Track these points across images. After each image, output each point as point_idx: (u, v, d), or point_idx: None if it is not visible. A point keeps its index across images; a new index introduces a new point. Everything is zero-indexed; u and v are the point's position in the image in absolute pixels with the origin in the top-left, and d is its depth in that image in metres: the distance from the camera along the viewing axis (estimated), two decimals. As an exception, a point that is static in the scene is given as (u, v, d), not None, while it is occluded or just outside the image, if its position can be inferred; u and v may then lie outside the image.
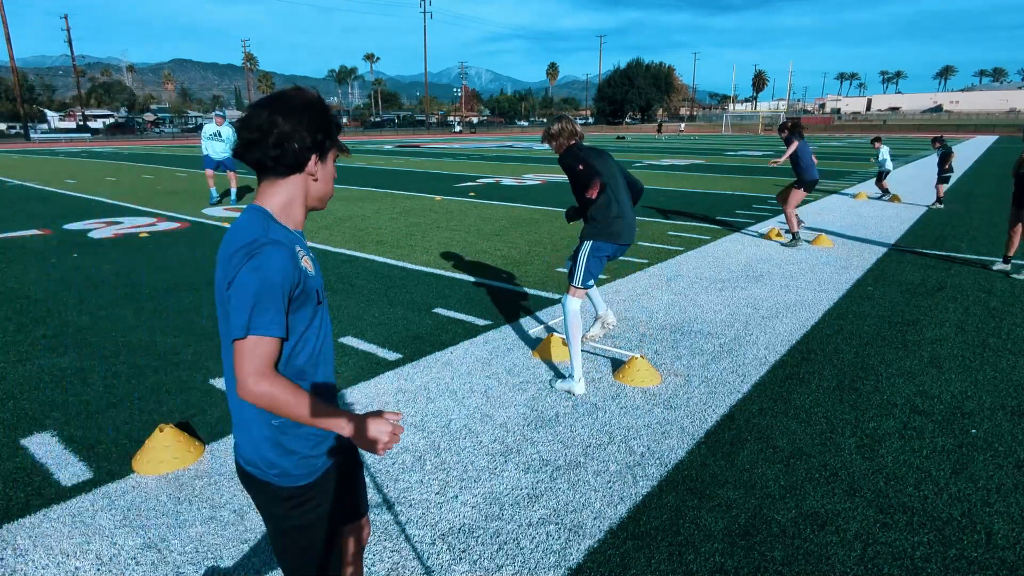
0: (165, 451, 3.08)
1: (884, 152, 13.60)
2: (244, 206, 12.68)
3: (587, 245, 3.99)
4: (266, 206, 1.51)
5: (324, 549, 1.60)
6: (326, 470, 1.58)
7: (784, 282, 6.53)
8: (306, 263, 1.54)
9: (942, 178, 12.25)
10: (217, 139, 12.80)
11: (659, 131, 65.61)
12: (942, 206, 12.15)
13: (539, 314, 5.49)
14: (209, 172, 12.95)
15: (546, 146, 4.20)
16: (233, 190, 13.24)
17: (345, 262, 7.45)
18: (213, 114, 13.25)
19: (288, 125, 1.41)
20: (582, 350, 4.61)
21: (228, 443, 3.31)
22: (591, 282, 4.02)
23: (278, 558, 1.62)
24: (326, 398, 1.55)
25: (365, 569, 2.42)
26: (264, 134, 1.41)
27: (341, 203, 12.73)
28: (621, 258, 7.54)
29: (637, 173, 19.78)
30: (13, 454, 3.21)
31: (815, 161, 8.27)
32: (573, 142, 4.07)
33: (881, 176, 13.60)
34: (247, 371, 1.36)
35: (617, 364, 4.37)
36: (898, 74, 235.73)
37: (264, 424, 1.49)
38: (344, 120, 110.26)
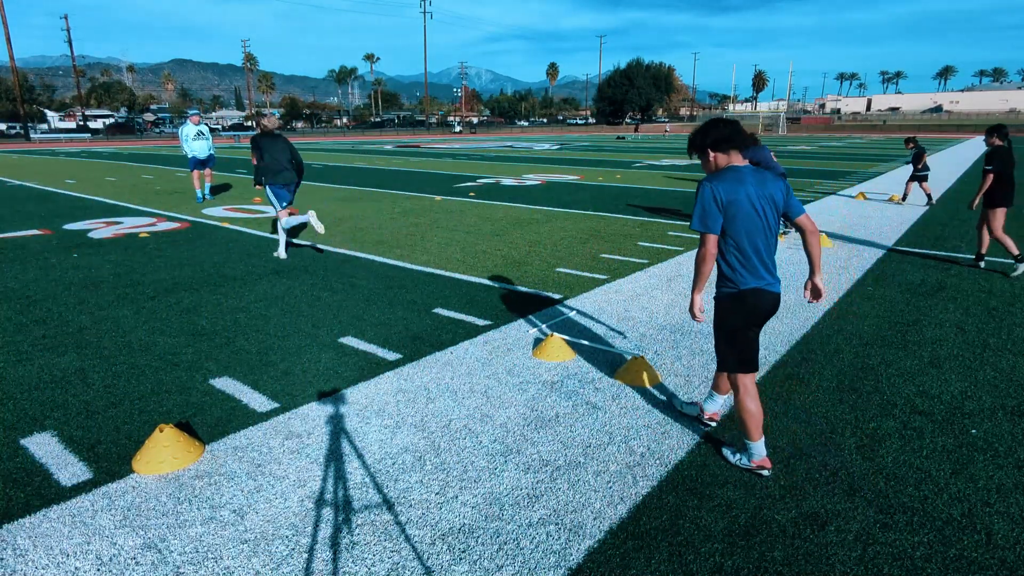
0: (165, 451, 3.07)
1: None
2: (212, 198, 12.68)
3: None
4: None
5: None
6: None
7: (784, 282, 6.53)
8: None
9: (918, 176, 12.51)
10: (201, 138, 12.90)
11: (636, 130, 65.40)
12: (934, 203, 12.37)
13: (539, 314, 5.49)
14: (196, 173, 13.09)
15: (545, 146, 4.18)
16: (208, 185, 13.48)
17: (345, 262, 7.45)
18: (190, 113, 13.27)
19: None
20: (583, 350, 4.61)
21: (228, 443, 3.31)
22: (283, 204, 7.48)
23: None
24: None
25: (365, 569, 2.43)
26: None
27: (341, 203, 12.73)
28: (621, 258, 7.55)
29: (637, 174, 19.79)
30: (13, 454, 3.21)
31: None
32: None
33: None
34: None
35: (617, 364, 4.37)
36: (898, 74, 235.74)
37: None
38: (344, 120, 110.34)
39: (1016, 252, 6.90)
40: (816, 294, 3.14)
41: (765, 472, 3.03)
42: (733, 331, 3.03)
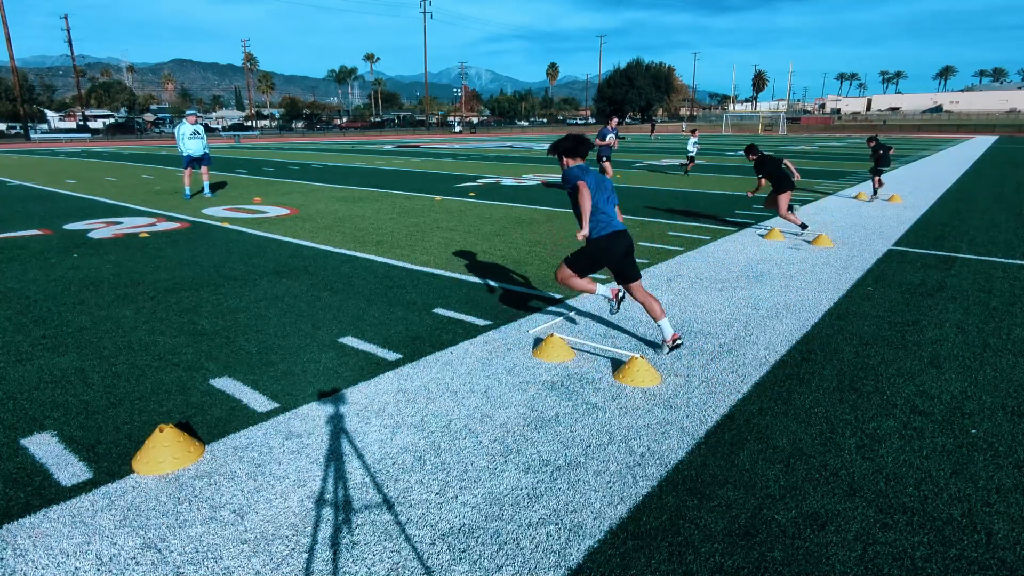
0: (165, 451, 3.07)
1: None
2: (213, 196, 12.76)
3: None
4: None
5: None
6: None
7: (784, 282, 6.53)
8: None
9: (877, 171, 13.24)
10: (196, 137, 13.18)
11: (652, 131, 65.25)
12: (878, 197, 13.34)
13: (539, 314, 5.49)
14: (188, 171, 13.44)
15: (545, 146, 4.40)
16: (206, 183, 13.86)
17: (345, 262, 7.45)
18: (187, 112, 13.58)
19: None
20: (583, 351, 4.61)
21: (228, 443, 3.32)
22: None
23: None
24: None
25: (365, 569, 2.43)
26: None
27: (341, 203, 12.73)
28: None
29: (635, 174, 19.79)
30: (13, 454, 3.21)
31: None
32: None
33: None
34: None
35: (617, 364, 4.37)
36: (898, 74, 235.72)
37: None
38: (344, 120, 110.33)
39: (800, 222, 9.03)
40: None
41: (622, 295, 4.68)
42: (585, 255, 4.55)
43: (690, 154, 19.78)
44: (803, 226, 9.04)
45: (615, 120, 15.38)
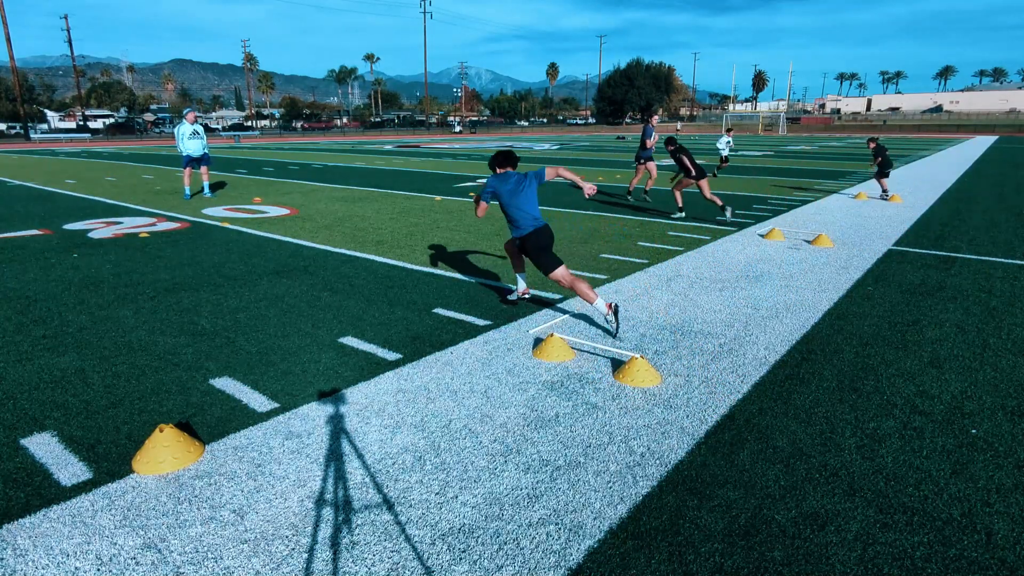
0: (165, 451, 3.07)
1: None
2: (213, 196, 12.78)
3: None
4: None
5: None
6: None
7: (784, 282, 6.53)
8: None
9: (883, 173, 13.25)
10: (196, 137, 13.20)
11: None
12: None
13: (539, 314, 5.49)
14: (188, 171, 13.44)
15: (545, 146, 4.39)
16: (206, 183, 13.86)
17: (345, 262, 7.45)
18: (186, 111, 13.60)
19: None
20: (583, 351, 4.61)
21: (228, 443, 3.32)
22: None
23: None
24: None
25: (365, 569, 2.43)
26: None
27: (341, 203, 12.73)
28: (621, 258, 7.55)
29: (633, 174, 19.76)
30: (13, 454, 3.21)
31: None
32: None
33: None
34: None
35: (617, 364, 4.37)
36: (898, 74, 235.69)
37: None
38: (344, 120, 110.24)
39: (722, 203, 10.29)
40: (589, 191, 5.25)
41: (526, 295, 5.69)
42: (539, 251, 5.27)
43: (722, 153, 19.17)
44: (723, 208, 10.24)
45: (655, 118, 13.91)
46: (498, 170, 5.35)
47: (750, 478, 3.01)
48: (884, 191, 13.26)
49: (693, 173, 10.29)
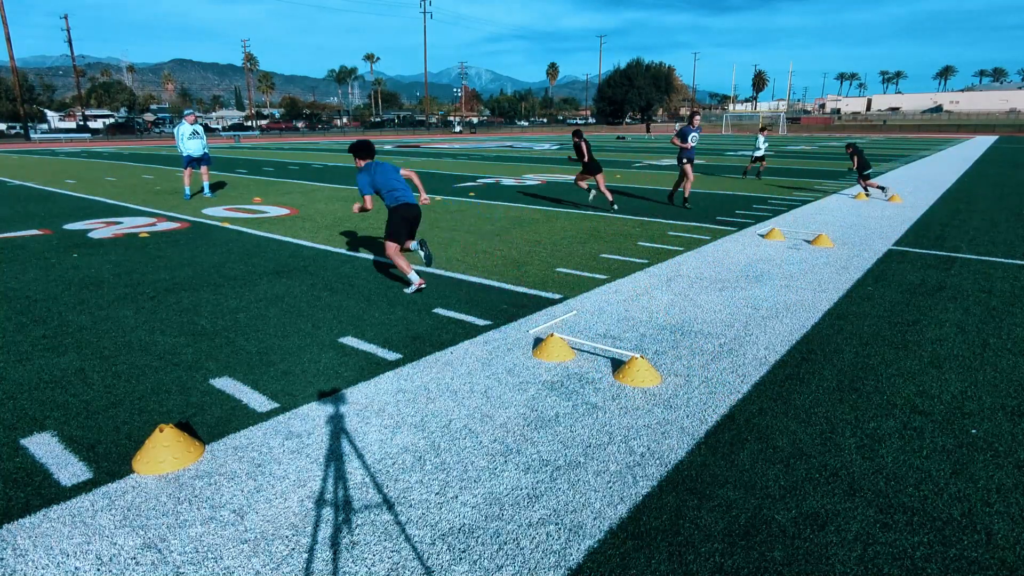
0: (165, 451, 3.07)
1: None
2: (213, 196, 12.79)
3: None
4: None
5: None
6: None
7: (784, 282, 6.53)
8: None
9: (863, 175, 13.80)
10: (196, 137, 13.23)
11: (648, 131, 65.42)
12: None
13: (539, 314, 5.49)
14: (188, 171, 13.47)
15: (545, 146, 4.40)
16: (206, 183, 13.92)
17: (345, 262, 7.45)
18: (186, 112, 13.70)
19: None
20: (583, 351, 4.62)
21: (228, 443, 3.32)
22: None
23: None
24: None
25: (365, 569, 2.42)
26: None
27: (341, 203, 12.73)
28: (621, 258, 7.55)
29: (635, 174, 19.78)
30: (13, 454, 3.21)
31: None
32: None
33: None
34: None
35: (617, 364, 4.37)
36: (898, 74, 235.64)
37: None
38: (344, 120, 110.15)
39: (611, 198, 11.35)
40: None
41: (423, 287, 6.08)
42: (392, 224, 6.07)
43: (758, 153, 17.76)
44: (612, 203, 11.30)
45: (698, 118, 12.25)
46: (360, 163, 6.12)
47: (750, 478, 3.01)
48: (879, 188, 13.58)
49: (586, 161, 11.19)
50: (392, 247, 6.02)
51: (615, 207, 11.36)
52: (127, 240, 8.86)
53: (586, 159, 11.08)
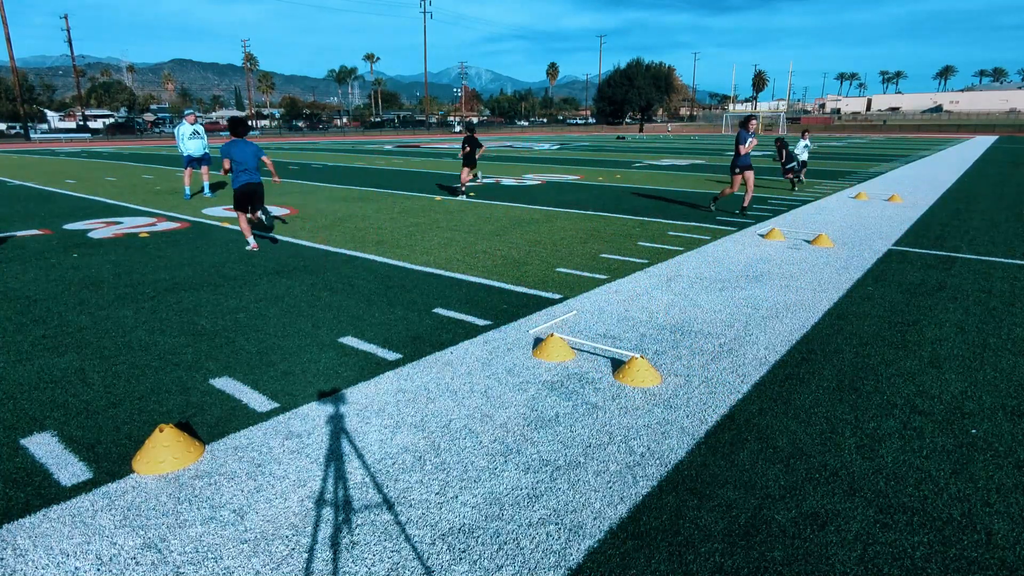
0: (165, 451, 3.07)
1: None
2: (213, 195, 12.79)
3: None
4: None
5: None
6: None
7: (784, 282, 6.53)
8: None
9: (787, 169, 14.90)
10: (196, 137, 13.32)
11: (640, 130, 65.21)
12: (801, 182, 15.86)
13: (539, 314, 5.49)
14: (188, 171, 13.64)
15: (545, 146, 4.38)
16: (206, 183, 14.15)
17: (345, 262, 7.45)
18: (186, 112, 13.81)
19: None
20: (583, 351, 4.62)
21: (228, 443, 3.32)
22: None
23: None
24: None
25: (365, 569, 2.42)
26: None
27: (341, 203, 12.73)
28: (621, 258, 7.55)
29: (636, 174, 19.78)
30: (13, 454, 3.21)
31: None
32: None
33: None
34: None
35: (617, 364, 4.37)
36: (898, 74, 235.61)
37: None
38: (344, 120, 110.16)
39: (463, 189, 13.72)
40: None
41: (256, 249, 7.90)
42: (235, 197, 7.76)
43: (801, 158, 16.07)
44: (464, 193, 13.67)
45: (754, 122, 11.09)
46: (231, 136, 7.68)
47: (750, 478, 3.01)
48: (792, 177, 15.00)
49: (464, 159, 13.35)
50: (238, 214, 7.91)
51: (463, 194, 13.69)
52: (127, 240, 8.86)
53: (464, 157, 13.34)
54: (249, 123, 7.75)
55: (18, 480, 2.98)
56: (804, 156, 16.34)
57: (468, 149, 13.14)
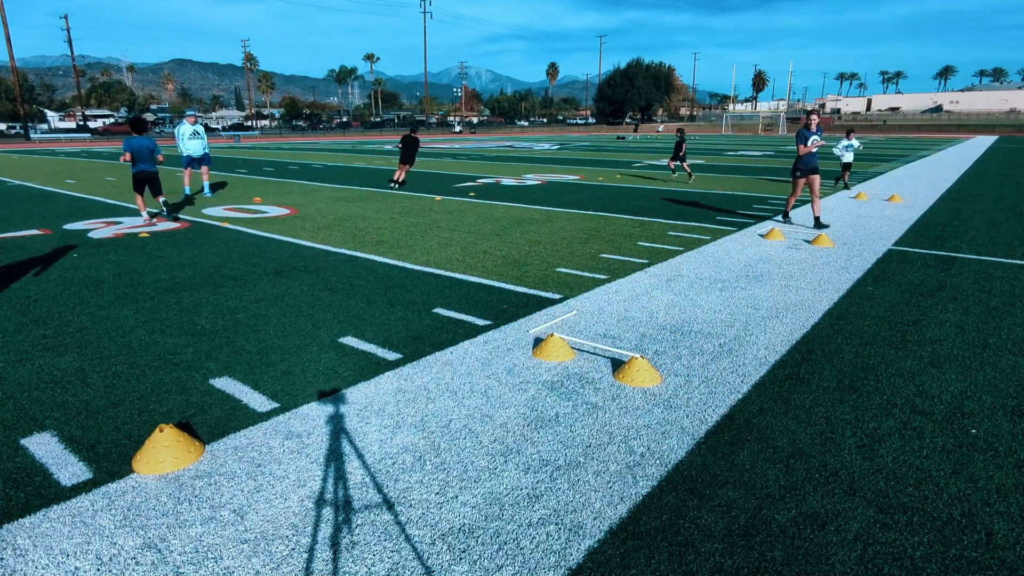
0: (165, 451, 3.07)
1: None
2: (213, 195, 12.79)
3: None
4: None
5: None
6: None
7: (784, 282, 6.53)
8: None
9: (679, 157, 17.07)
10: (196, 137, 13.36)
11: (635, 130, 65.32)
12: (676, 174, 18.16)
13: (539, 314, 5.49)
14: (188, 171, 13.61)
15: (545, 146, 4.37)
16: (207, 183, 14.19)
17: (345, 262, 7.45)
18: (186, 113, 13.91)
19: None
20: (583, 351, 4.62)
21: (228, 443, 3.32)
22: None
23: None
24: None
25: (365, 569, 2.43)
26: None
27: (341, 203, 12.73)
28: (621, 258, 7.55)
29: (637, 173, 19.77)
30: (13, 454, 3.21)
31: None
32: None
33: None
34: None
35: (617, 364, 4.37)
36: (898, 74, 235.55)
37: None
38: (344, 120, 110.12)
39: (401, 180, 15.18)
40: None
41: (149, 224, 10.01)
42: (134, 182, 10.06)
43: (846, 159, 14.71)
44: (399, 182, 15.21)
45: (815, 118, 9.69)
46: (132, 132, 9.67)
47: (750, 478, 3.01)
48: (672, 169, 17.67)
49: (401, 156, 15.02)
50: (136, 195, 10.10)
51: (395, 185, 15.18)
52: (127, 240, 8.86)
53: (403, 157, 15.04)
54: (146, 123, 9.80)
55: (18, 480, 2.98)
56: (848, 157, 14.55)
57: (403, 146, 14.81)
